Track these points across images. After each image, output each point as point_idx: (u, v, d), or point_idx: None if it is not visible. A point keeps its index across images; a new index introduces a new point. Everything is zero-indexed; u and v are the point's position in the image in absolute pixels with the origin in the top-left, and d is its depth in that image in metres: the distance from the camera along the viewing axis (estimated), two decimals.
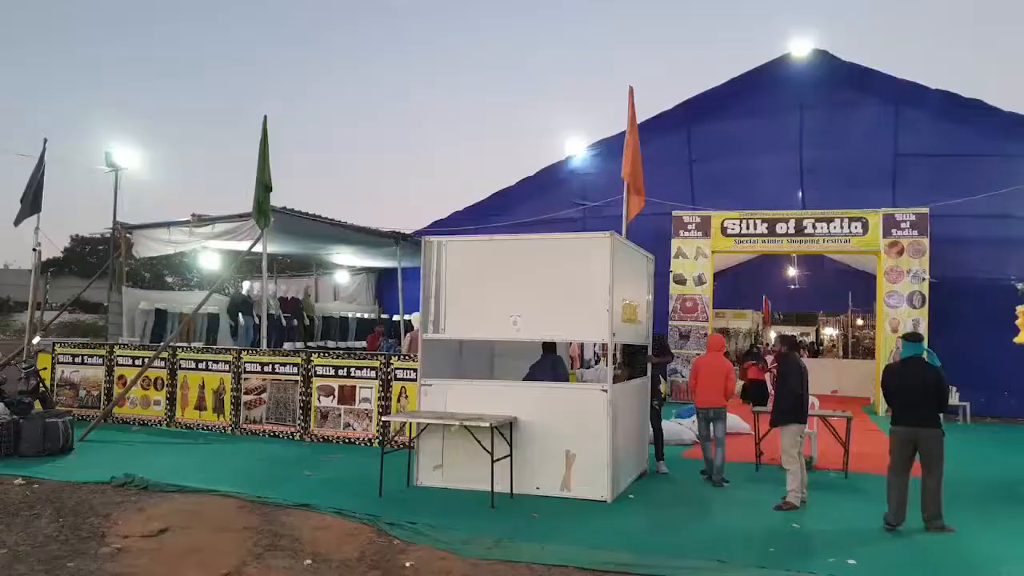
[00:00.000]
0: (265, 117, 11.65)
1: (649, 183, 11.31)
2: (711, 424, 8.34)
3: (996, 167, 16.10)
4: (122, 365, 11.76)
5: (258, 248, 12.08)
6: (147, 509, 6.55)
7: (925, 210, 15.79)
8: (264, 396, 10.76)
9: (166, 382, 11.38)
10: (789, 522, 6.70)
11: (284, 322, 17.81)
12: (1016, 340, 10.77)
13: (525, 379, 8.18)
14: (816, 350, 26.12)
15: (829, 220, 16.44)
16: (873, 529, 6.50)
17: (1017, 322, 10.77)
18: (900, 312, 15.83)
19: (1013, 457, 9.72)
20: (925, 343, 7.13)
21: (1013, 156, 16.04)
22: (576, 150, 20.45)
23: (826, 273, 22.07)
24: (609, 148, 18.97)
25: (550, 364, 8.25)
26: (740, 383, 15.18)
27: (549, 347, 8.36)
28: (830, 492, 8.00)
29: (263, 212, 11.42)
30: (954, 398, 12.67)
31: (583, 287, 7.38)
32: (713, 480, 8.21)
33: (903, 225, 15.91)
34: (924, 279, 15.65)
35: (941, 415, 6.69)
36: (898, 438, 6.72)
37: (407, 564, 5.27)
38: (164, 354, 11.38)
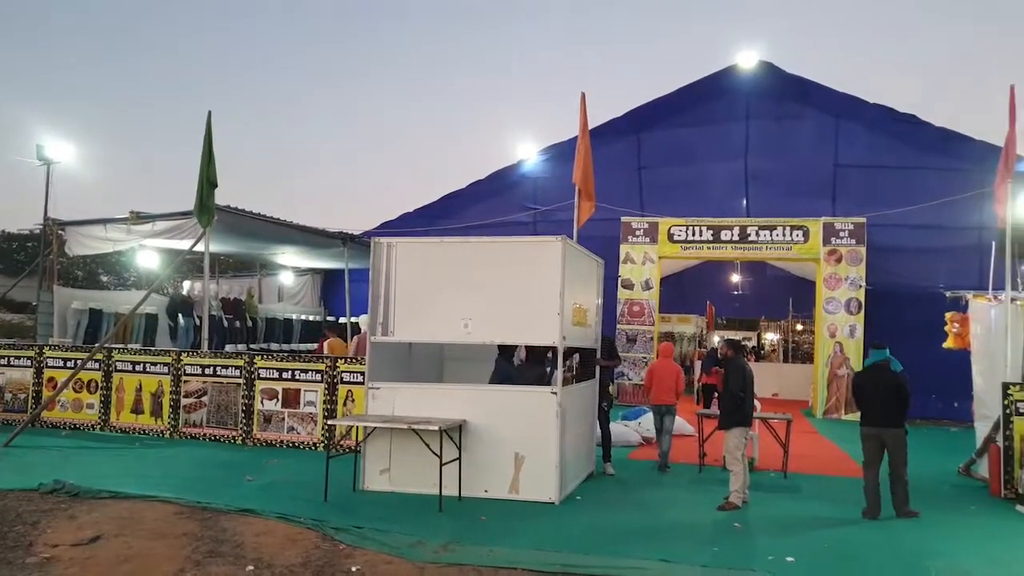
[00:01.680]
0: (209, 113, 11.38)
1: (599, 189, 11.41)
2: (663, 418, 9.37)
3: (928, 179, 16.81)
4: (52, 367, 11.30)
5: (200, 247, 11.78)
6: (78, 517, 6.30)
7: (862, 220, 16.34)
8: (204, 399, 10.48)
9: (100, 384, 10.99)
10: (732, 522, 6.82)
11: (226, 323, 17.40)
12: (945, 345, 11.22)
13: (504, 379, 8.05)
14: (758, 354, 26.73)
15: (772, 228, 16.86)
16: (811, 528, 6.68)
17: (946, 328, 11.22)
18: (838, 318, 16.34)
19: (939, 457, 10.10)
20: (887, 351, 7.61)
21: (943, 169, 16.75)
22: (528, 154, 20.54)
23: (768, 280, 22.66)
24: (560, 153, 19.11)
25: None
26: (700, 384, 15.48)
27: (507, 349, 8.35)
28: (770, 492, 8.18)
29: (207, 209, 11.13)
30: None
31: (534, 290, 7.39)
32: (661, 466, 9.21)
33: (842, 234, 16.44)
34: (861, 286, 16.19)
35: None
36: (868, 438, 7.32)
37: (353, 569, 5.19)
38: (98, 355, 10.98)
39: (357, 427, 7.72)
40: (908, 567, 5.62)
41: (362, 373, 8.81)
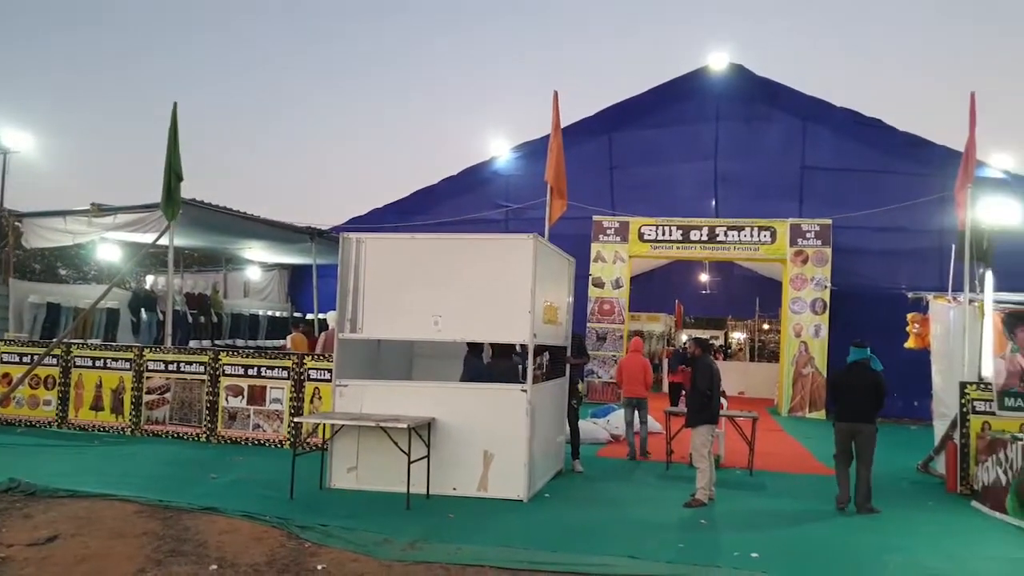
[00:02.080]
0: (175, 104, 11.18)
1: (571, 187, 11.44)
2: (635, 410, 9.97)
3: (892, 183, 17.14)
4: (7, 363, 10.99)
5: (164, 241, 11.56)
6: (34, 516, 6.14)
7: (828, 221, 16.61)
8: (168, 396, 10.30)
9: (58, 380, 10.73)
10: (698, 518, 6.90)
11: (190, 319, 17.11)
12: (906, 345, 11.45)
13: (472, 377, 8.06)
14: (726, 353, 27.05)
15: (740, 228, 17.06)
16: (775, 524, 6.77)
17: (908, 328, 11.45)
18: (803, 318, 16.59)
19: (899, 455, 10.29)
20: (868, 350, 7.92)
21: (907, 173, 17.11)
22: (500, 151, 20.52)
23: (736, 279, 22.95)
24: (533, 151, 19.12)
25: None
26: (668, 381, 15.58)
27: (476, 347, 8.33)
28: (736, 489, 8.28)
29: (173, 202, 10.94)
30: None
31: (505, 288, 7.38)
32: (639, 454, 9.84)
33: (808, 235, 16.69)
34: (826, 287, 16.46)
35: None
36: (840, 432, 7.66)
37: (319, 567, 5.14)
38: (57, 351, 10.73)
39: (324, 425, 7.64)
40: (867, 562, 5.72)
41: (329, 370, 8.74)
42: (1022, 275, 12.85)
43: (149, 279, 20.18)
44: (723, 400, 9.54)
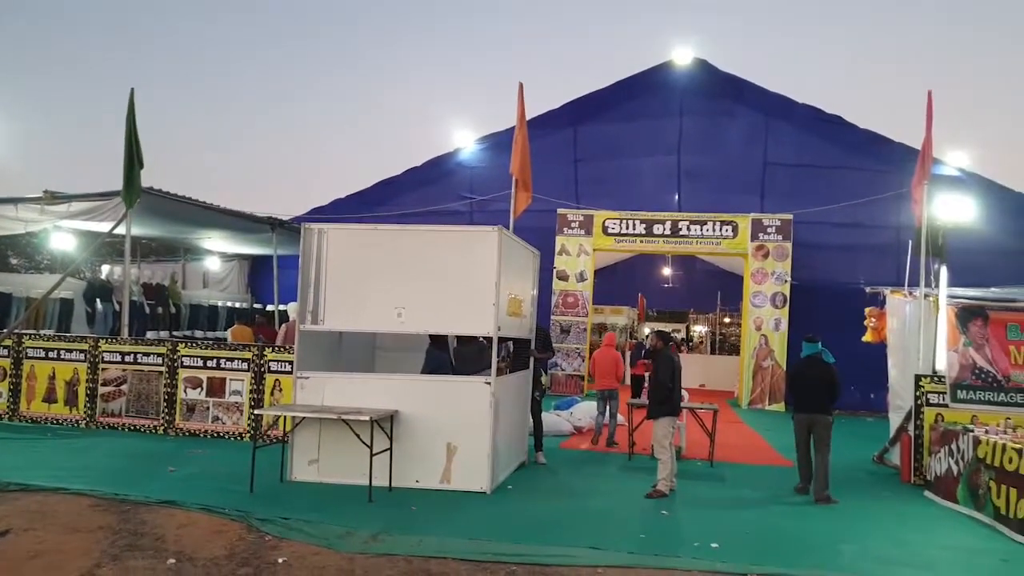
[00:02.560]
0: (132, 90, 10.90)
1: (535, 180, 11.41)
2: (607, 401, 10.46)
3: (852, 179, 17.47)
4: None
5: (120, 230, 11.27)
6: None
7: (789, 216, 16.88)
8: (124, 387, 10.08)
9: (9, 372, 10.43)
10: (659, 509, 6.96)
11: (147, 309, 16.75)
12: (864, 339, 11.69)
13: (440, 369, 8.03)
14: (689, 346, 27.35)
15: (702, 223, 17.24)
16: (735, 514, 6.87)
17: (865, 323, 11.69)
18: (764, 312, 16.85)
19: (855, 446, 10.52)
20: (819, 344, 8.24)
21: (866, 170, 17.44)
22: (465, 143, 20.41)
23: (698, 273, 23.22)
24: (497, 143, 19.07)
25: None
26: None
27: (439, 339, 8.29)
28: (697, 480, 8.38)
29: (134, 189, 10.70)
30: None
31: (470, 280, 7.34)
32: (606, 444, 10.27)
33: (769, 230, 16.94)
34: (786, 281, 16.74)
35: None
36: (798, 422, 8.02)
37: (280, 560, 5.07)
38: (7, 341, 10.41)
39: (285, 417, 7.54)
40: (825, 550, 5.84)
41: (290, 362, 8.62)
42: (975, 271, 13.24)
43: (105, 269, 19.68)
44: (684, 393, 9.70)
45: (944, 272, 9.59)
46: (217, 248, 19.19)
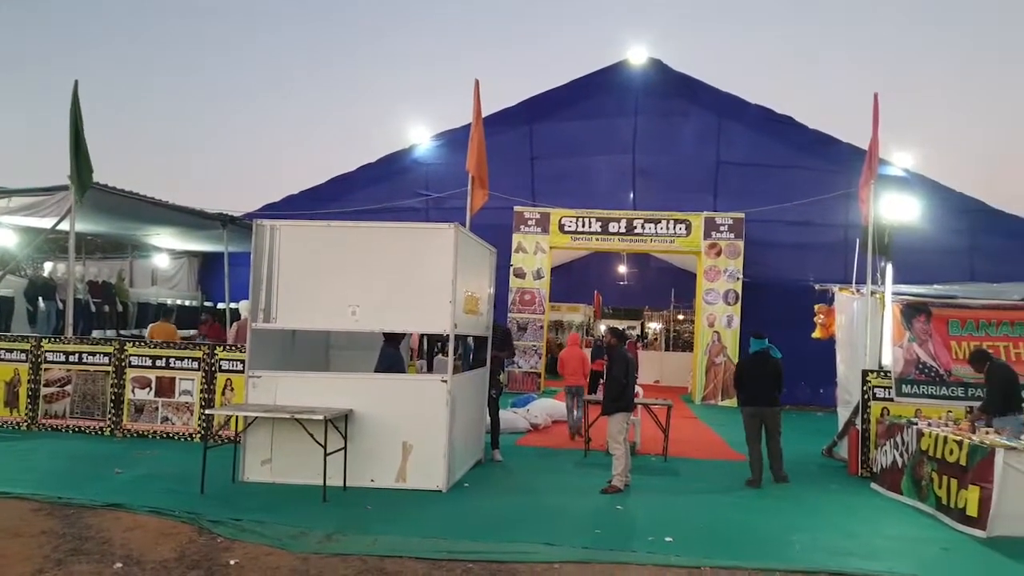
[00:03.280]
0: (76, 83, 10.60)
1: (492, 178, 11.41)
2: (574, 397, 10.85)
3: (802, 178, 17.85)
4: None
5: (64, 226, 10.94)
6: None
7: (741, 215, 17.18)
8: (68, 388, 9.77)
9: None
10: (614, 504, 7.03)
11: (93, 308, 16.26)
12: (813, 335, 11.95)
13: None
14: (644, 343, 27.65)
15: (656, 221, 17.45)
16: (688, 508, 6.97)
17: (815, 319, 11.96)
18: (716, 308, 17.13)
19: (805, 440, 10.76)
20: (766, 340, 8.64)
21: (816, 170, 17.84)
22: (420, 139, 20.28)
23: (652, 271, 23.48)
24: (454, 139, 19.00)
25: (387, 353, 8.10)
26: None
27: (393, 337, 8.23)
28: (651, 475, 8.48)
29: (83, 185, 10.40)
30: None
31: (426, 278, 7.31)
32: (573, 437, 10.58)
33: (722, 228, 17.22)
34: (738, 278, 17.04)
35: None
36: (748, 415, 8.40)
37: (231, 562, 4.98)
38: None
39: (237, 417, 7.40)
40: (776, 542, 5.96)
41: (242, 361, 8.48)
42: (919, 268, 13.65)
43: (48, 266, 19.05)
44: (639, 388, 9.84)
45: (890, 270, 9.87)
46: (166, 245, 18.74)
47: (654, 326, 29.64)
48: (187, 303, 20.25)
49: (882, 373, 9.17)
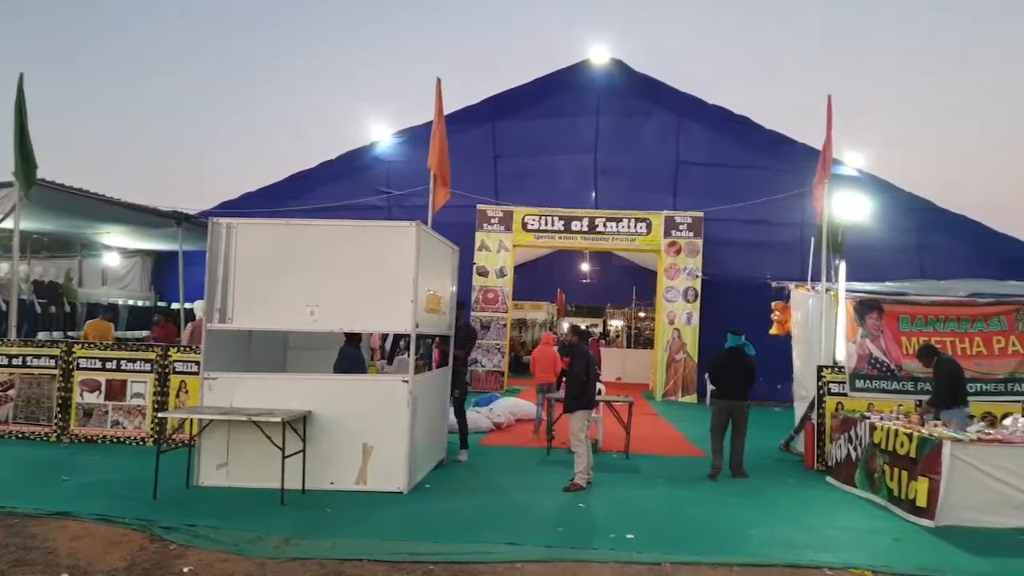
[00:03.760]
0: (21, 75, 10.27)
1: (454, 176, 11.35)
2: (545, 394, 10.81)
3: (758, 178, 18.14)
4: None
5: (8, 224, 10.57)
6: None
7: (700, 214, 17.39)
8: (11, 392, 9.43)
9: None
10: (577, 502, 7.04)
11: (39, 308, 15.76)
12: (771, 332, 12.14)
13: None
14: (606, 341, 27.84)
15: (618, 220, 17.56)
16: (649, 505, 7.01)
17: (772, 316, 12.15)
18: (676, 306, 17.30)
19: (763, 435, 10.91)
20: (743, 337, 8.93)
21: (772, 169, 18.15)
22: (382, 136, 20.11)
23: (614, 269, 23.67)
24: (416, 137, 18.89)
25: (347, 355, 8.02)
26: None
27: (353, 337, 8.12)
28: (613, 472, 8.52)
29: (29, 178, 10.08)
30: None
31: (387, 277, 7.22)
32: (550, 433, 10.15)
33: (681, 227, 17.40)
34: (697, 276, 17.24)
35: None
36: (718, 408, 8.72)
37: (185, 569, 4.85)
38: None
39: (192, 420, 7.23)
40: (735, 536, 6.02)
41: (197, 362, 8.29)
42: (871, 266, 13.95)
43: None
44: (601, 386, 9.89)
45: (843, 268, 10.06)
46: (117, 244, 18.25)
47: (616, 323, 29.86)
48: (140, 303, 19.76)
49: (836, 368, 9.34)
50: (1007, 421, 7.56)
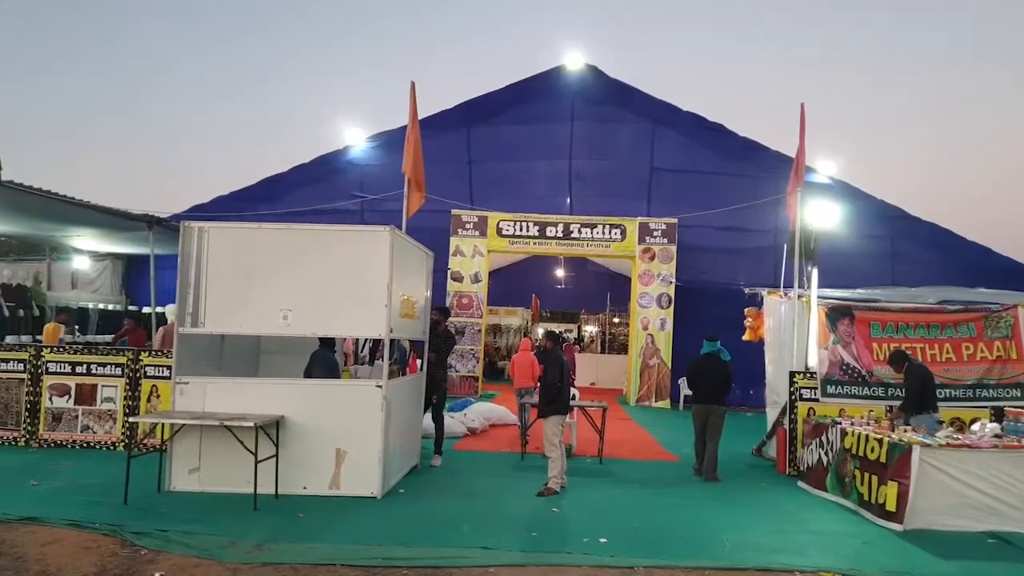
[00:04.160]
0: None
1: (429, 180, 11.32)
2: (524, 398, 10.72)
3: (732, 185, 18.33)
4: None
5: None
6: None
7: (674, 220, 17.54)
8: None
9: None
10: (550, 506, 7.06)
11: (7, 312, 15.47)
12: (744, 338, 12.27)
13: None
14: (581, 346, 27.92)
15: (592, 226, 17.65)
16: (623, 509, 7.05)
17: (745, 322, 12.28)
18: (650, 312, 17.42)
19: (735, 440, 11.00)
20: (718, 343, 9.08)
21: (745, 176, 18.37)
22: (355, 140, 20.02)
23: (589, 275, 23.75)
24: (390, 141, 18.84)
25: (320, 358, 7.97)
26: None
27: (327, 342, 8.08)
28: (587, 477, 8.55)
29: None
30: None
31: (361, 281, 7.19)
32: (523, 438, 10.21)
33: (655, 233, 17.54)
34: (671, 283, 17.37)
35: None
36: (696, 413, 8.95)
37: (156, 574, 4.79)
38: None
39: (163, 424, 7.14)
40: (707, 541, 6.08)
41: (168, 367, 8.19)
42: (843, 273, 14.17)
43: None
44: (575, 391, 9.94)
45: (815, 274, 10.20)
46: (87, 247, 17.98)
47: (590, 329, 29.95)
48: (110, 307, 19.47)
49: (808, 374, 9.47)
50: (975, 426, 7.71)
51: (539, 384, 8.62)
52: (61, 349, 9.53)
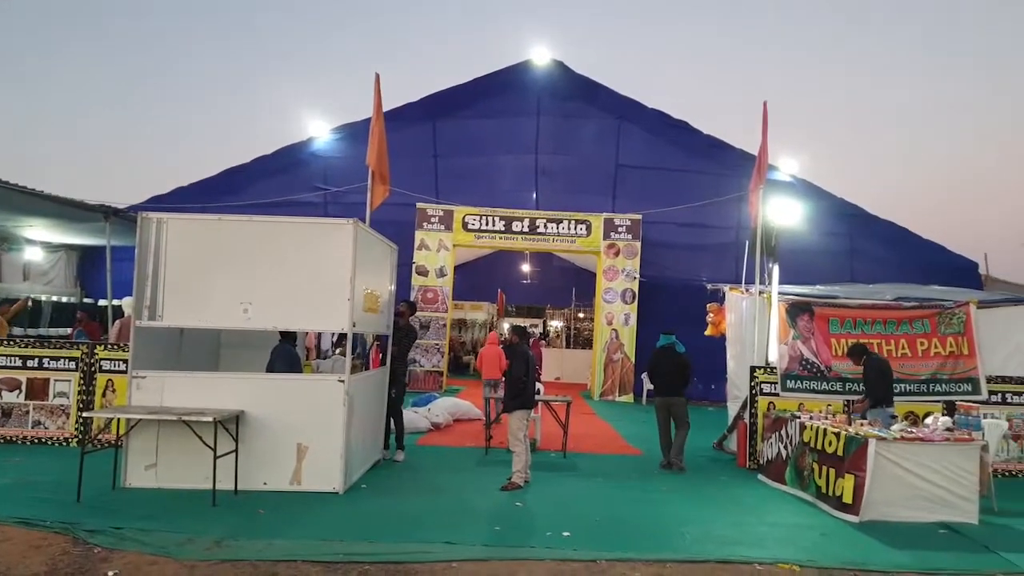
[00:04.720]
0: None
1: (394, 173, 11.23)
2: (493, 389, 10.97)
3: (696, 181, 18.52)
4: None
5: None
6: None
7: (638, 216, 17.66)
8: None
9: None
10: (514, 501, 7.06)
11: None
12: (706, 333, 12.41)
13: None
14: (546, 341, 28.02)
15: (558, 221, 17.70)
16: (586, 503, 7.09)
17: (707, 317, 12.42)
18: (615, 307, 17.53)
19: (697, 434, 11.07)
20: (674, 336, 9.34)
21: (709, 173, 18.55)
22: (319, 132, 19.76)
23: (554, 270, 23.83)
24: (354, 133, 18.65)
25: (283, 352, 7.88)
26: None
27: (288, 335, 7.97)
28: (551, 471, 8.57)
29: None
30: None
31: (323, 275, 7.11)
32: (492, 424, 10.18)
33: (620, 229, 17.64)
34: (635, 278, 17.51)
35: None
36: (658, 405, 9.23)
37: (110, 573, 4.69)
38: None
39: (119, 419, 6.97)
40: (668, 534, 6.14)
41: (125, 361, 8.00)
42: (803, 269, 14.40)
43: None
44: (540, 385, 9.96)
45: (776, 271, 10.35)
46: (40, 237, 17.47)
47: (556, 324, 30.07)
48: (64, 300, 18.96)
49: (769, 369, 9.61)
50: (928, 420, 7.88)
51: (504, 378, 8.61)
52: (11, 342, 9.26)
